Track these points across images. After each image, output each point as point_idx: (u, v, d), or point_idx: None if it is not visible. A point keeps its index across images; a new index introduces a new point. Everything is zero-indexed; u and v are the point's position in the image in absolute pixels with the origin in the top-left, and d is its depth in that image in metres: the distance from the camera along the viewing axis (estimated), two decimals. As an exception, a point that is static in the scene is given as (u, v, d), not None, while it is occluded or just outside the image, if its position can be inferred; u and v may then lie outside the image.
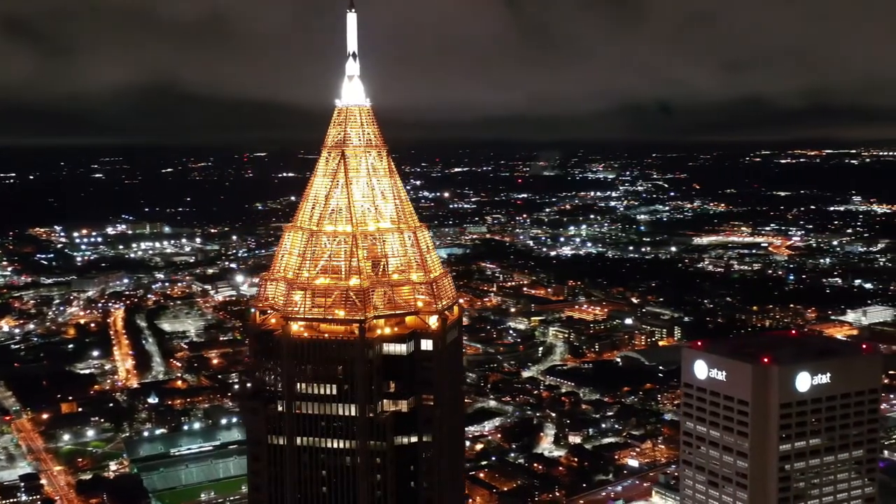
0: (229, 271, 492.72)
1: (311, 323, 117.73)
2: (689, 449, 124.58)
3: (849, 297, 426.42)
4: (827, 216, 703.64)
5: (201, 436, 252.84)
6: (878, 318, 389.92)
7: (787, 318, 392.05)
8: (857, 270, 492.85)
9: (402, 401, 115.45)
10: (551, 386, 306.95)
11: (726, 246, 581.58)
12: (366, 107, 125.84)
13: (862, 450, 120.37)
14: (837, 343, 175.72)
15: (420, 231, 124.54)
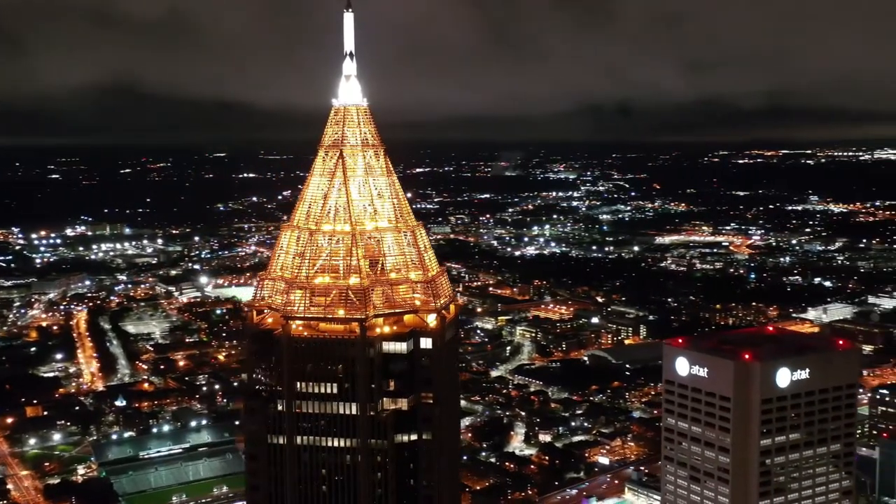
0: (193, 272, 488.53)
1: (308, 322, 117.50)
2: (671, 445, 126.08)
3: (809, 295, 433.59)
4: (785, 215, 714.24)
5: (170, 438, 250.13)
6: (838, 315, 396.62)
7: (749, 317, 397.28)
8: (816, 269, 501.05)
9: (402, 399, 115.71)
10: (520, 385, 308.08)
11: (688, 245, 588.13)
12: (363, 106, 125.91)
13: (839, 444, 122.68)
14: (814, 339, 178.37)
15: (418, 230, 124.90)
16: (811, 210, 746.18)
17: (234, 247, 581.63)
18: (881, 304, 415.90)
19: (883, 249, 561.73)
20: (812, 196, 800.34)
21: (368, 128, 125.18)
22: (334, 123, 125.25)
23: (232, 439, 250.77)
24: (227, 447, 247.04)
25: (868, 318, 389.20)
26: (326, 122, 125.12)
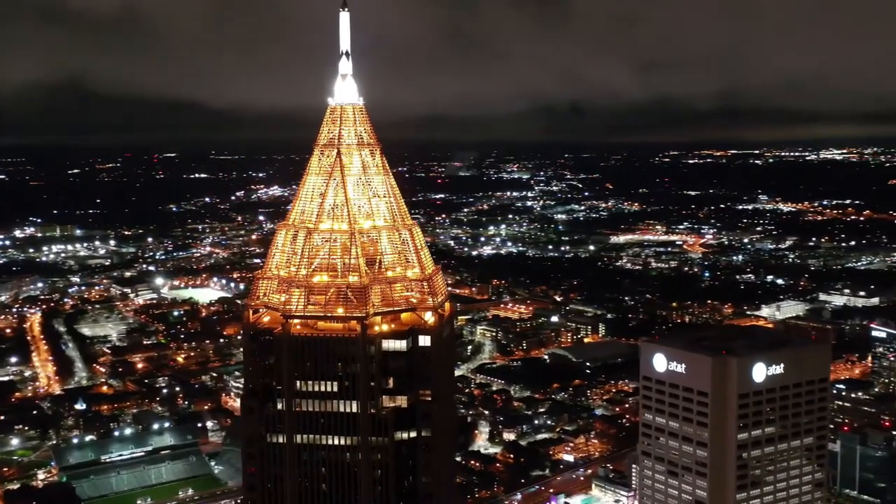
0: (148, 274, 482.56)
1: (306, 320, 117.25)
2: (648, 440, 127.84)
3: (762, 293, 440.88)
4: (736, 215, 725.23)
5: (132, 441, 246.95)
6: (791, 312, 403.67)
7: (705, 314, 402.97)
8: (768, 267, 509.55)
9: (401, 396, 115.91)
10: (482, 384, 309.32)
11: (642, 244, 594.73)
12: (359, 105, 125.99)
13: (812, 437, 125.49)
14: (787, 335, 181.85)
15: (414, 228, 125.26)
16: (761, 209, 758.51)
17: (188, 248, 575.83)
18: (832, 302, 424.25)
19: (832, 248, 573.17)
20: (761, 196, 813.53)
21: (364, 126, 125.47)
22: (330, 122, 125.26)
23: (195, 441, 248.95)
24: (191, 449, 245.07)
25: (820, 315, 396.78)
26: (322, 121, 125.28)
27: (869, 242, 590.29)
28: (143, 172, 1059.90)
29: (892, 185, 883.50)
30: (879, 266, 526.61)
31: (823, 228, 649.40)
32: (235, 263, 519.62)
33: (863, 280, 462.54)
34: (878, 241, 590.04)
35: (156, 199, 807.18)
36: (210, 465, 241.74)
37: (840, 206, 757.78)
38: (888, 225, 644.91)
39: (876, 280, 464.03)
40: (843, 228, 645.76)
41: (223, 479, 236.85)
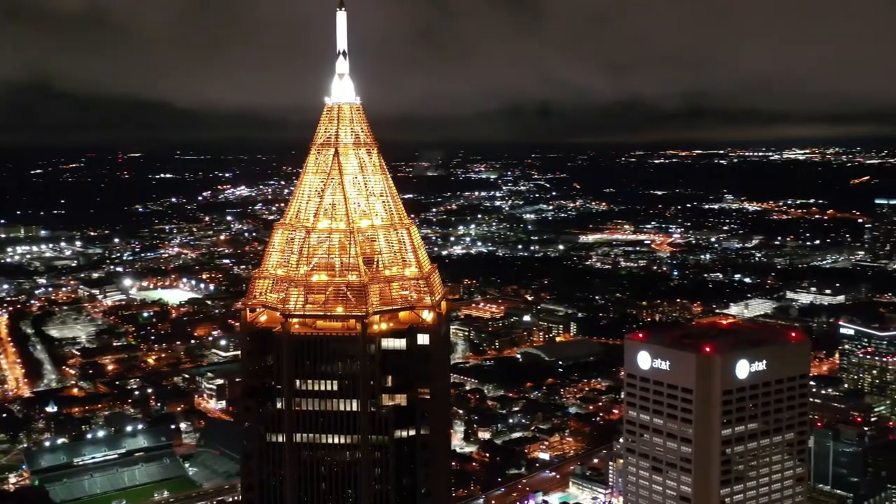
0: (116, 275, 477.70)
1: (304, 319, 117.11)
2: (633, 437, 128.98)
3: (730, 291, 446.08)
4: (702, 214, 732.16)
5: (105, 444, 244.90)
6: (759, 310, 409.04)
7: (674, 313, 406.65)
8: (735, 266, 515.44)
9: (400, 395, 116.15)
10: (456, 383, 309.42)
11: (611, 243, 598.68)
12: (356, 104, 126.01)
13: (793, 432, 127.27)
14: (766, 331, 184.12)
15: (411, 227, 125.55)
16: (727, 209, 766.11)
17: (156, 248, 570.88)
18: (798, 300, 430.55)
19: (797, 246, 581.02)
20: (727, 195, 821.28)
21: (361, 126, 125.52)
22: (327, 121, 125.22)
23: (169, 443, 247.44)
24: (165, 451, 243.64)
25: (787, 313, 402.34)
26: (319, 120, 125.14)
27: (833, 241, 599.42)
28: (108, 172, 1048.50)
29: (854, 184, 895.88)
30: (844, 265, 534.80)
31: (788, 227, 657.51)
32: (204, 264, 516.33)
33: (828, 278, 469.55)
34: (843, 240, 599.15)
35: (121, 199, 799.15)
36: (184, 466, 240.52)
37: (804, 205, 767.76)
38: (851, 224, 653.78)
39: (841, 278, 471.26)
40: (807, 227, 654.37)
41: (198, 480, 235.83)
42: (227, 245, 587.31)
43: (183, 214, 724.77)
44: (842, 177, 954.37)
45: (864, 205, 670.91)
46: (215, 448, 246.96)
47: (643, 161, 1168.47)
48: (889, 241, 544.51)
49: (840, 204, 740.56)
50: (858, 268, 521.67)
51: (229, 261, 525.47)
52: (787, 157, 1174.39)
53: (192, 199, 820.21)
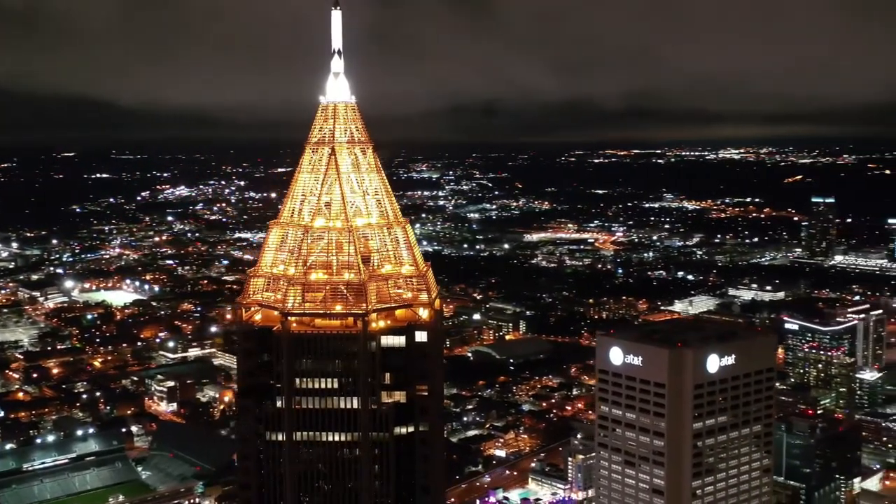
0: (57, 277, 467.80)
1: (301, 318, 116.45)
2: (605, 432, 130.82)
3: (674, 289, 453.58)
4: (643, 213, 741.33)
5: (55, 449, 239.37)
6: (702, 307, 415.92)
7: (621, 310, 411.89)
8: (677, 263, 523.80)
9: (400, 392, 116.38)
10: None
11: (555, 242, 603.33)
12: (351, 103, 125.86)
13: (760, 425, 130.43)
14: (732, 327, 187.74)
15: (406, 226, 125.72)
16: (667, 207, 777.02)
17: (96, 250, 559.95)
18: (740, 296, 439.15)
19: (736, 244, 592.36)
20: (666, 194, 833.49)
21: (356, 125, 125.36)
22: (322, 120, 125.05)
23: (121, 447, 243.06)
24: (117, 455, 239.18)
25: (730, 309, 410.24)
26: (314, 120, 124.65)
27: (771, 239, 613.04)
28: (41, 172, 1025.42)
29: (787, 183, 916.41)
30: (782, 262, 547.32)
31: (727, 226, 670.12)
32: (147, 265, 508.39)
33: (768, 275, 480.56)
34: (780, 238, 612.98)
35: (57, 199, 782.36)
36: (137, 470, 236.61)
37: (741, 204, 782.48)
38: (787, 222, 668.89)
39: (780, 275, 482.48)
40: (745, 226, 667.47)
41: (152, 484, 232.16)
42: (170, 246, 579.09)
43: (122, 215, 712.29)
44: (776, 176, 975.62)
45: (798, 203, 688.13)
46: (169, 451, 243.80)
47: (583, 160, 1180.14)
48: (825, 239, 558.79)
49: (775, 203, 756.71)
50: (796, 265, 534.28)
51: (173, 262, 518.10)
52: (722, 157, 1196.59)
53: (131, 199, 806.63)
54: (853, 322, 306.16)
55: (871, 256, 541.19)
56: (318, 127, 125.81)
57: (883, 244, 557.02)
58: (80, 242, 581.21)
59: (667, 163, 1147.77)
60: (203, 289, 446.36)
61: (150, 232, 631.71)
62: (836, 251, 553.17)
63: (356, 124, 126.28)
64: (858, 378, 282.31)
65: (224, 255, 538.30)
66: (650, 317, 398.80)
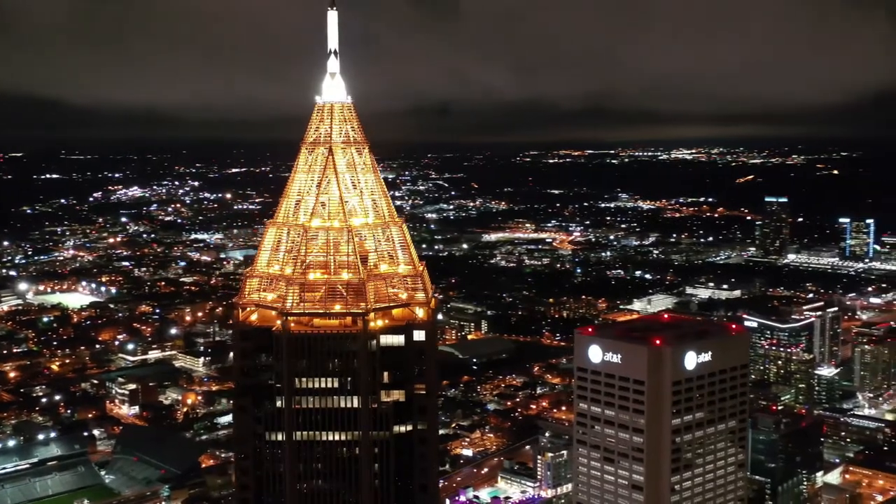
0: (9, 279, 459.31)
1: (299, 318, 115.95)
2: (584, 429, 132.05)
3: (632, 288, 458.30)
4: (600, 212, 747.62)
5: (16, 453, 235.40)
6: (661, 305, 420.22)
7: (581, 309, 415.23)
8: (634, 262, 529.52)
9: (399, 390, 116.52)
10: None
11: (514, 242, 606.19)
12: (347, 103, 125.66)
13: (735, 420, 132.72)
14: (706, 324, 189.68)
15: (403, 225, 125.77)
16: (622, 207, 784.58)
17: (49, 251, 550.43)
18: (697, 294, 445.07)
19: (692, 243, 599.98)
20: (621, 194, 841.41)
21: (352, 124, 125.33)
22: (318, 120, 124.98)
23: (83, 451, 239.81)
24: (79, 459, 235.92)
25: (688, 308, 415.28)
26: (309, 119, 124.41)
27: (725, 238, 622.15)
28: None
29: (739, 183, 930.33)
30: (737, 260, 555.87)
31: (682, 225, 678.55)
32: (103, 267, 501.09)
33: (723, 274, 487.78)
34: (734, 237, 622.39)
35: (6, 201, 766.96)
36: (100, 474, 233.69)
37: (695, 203, 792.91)
38: (740, 221, 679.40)
39: (735, 273, 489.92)
40: (700, 225, 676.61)
41: (116, 488, 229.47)
42: (125, 247, 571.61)
43: (74, 216, 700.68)
44: (728, 176, 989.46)
45: (750, 203, 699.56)
46: (133, 454, 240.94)
47: (538, 160, 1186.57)
48: (778, 238, 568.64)
49: (728, 202, 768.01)
50: (751, 263, 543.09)
51: (129, 263, 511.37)
52: (675, 157, 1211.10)
53: (83, 200, 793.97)
54: (810, 320, 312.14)
55: (823, 255, 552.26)
56: (314, 127, 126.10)
57: (834, 243, 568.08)
58: (32, 244, 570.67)
59: (621, 163, 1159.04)
60: (161, 290, 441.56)
61: (105, 233, 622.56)
62: (789, 250, 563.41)
63: (352, 124, 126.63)
64: (817, 374, 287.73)
65: (181, 257, 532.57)
66: (610, 316, 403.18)
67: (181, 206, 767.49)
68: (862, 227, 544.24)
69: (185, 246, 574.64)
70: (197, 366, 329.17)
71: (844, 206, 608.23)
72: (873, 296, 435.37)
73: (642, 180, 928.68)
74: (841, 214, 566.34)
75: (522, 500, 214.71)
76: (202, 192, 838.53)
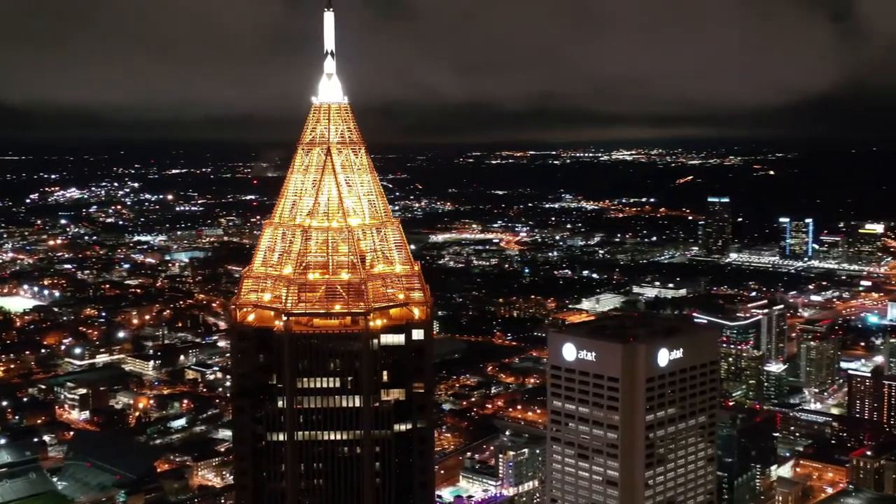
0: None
1: (298, 318, 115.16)
2: (557, 426, 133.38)
3: (580, 287, 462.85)
4: (545, 213, 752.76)
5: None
6: (609, 305, 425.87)
7: (531, 309, 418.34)
8: (581, 262, 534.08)
9: (398, 389, 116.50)
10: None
11: (461, 243, 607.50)
12: (343, 104, 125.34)
13: (705, 416, 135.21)
14: (674, 321, 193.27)
15: (398, 226, 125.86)
16: (567, 207, 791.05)
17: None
18: (644, 293, 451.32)
19: (636, 243, 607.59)
20: (565, 194, 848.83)
21: (348, 125, 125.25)
22: (314, 121, 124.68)
23: (35, 457, 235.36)
24: (30, 466, 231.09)
25: (635, 307, 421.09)
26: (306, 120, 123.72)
27: (668, 238, 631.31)
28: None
29: (679, 184, 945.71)
30: (681, 260, 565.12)
31: (626, 225, 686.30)
32: (44, 270, 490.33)
33: (668, 273, 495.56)
34: (677, 237, 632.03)
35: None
36: (53, 481, 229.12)
37: (637, 203, 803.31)
38: (682, 221, 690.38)
39: (680, 273, 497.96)
40: (643, 225, 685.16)
41: (69, 494, 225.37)
42: (66, 249, 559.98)
43: (11, 218, 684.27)
44: (667, 177, 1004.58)
45: (691, 203, 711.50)
46: (85, 460, 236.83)
47: (481, 161, 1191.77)
48: (721, 237, 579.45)
49: (670, 202, 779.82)
50: (694, 262, 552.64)
51: (71, 266, 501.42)
52: (615, 158, 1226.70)
53: (19, 201, 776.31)
54: (758, 317, 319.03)
55: (764, 254, 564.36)
56: (311, 127, 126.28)
57: (773, 242, 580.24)
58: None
59: (563, 164, 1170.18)
60: (106, 293, 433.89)
61: (44, 235, 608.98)
62: (731, 249, 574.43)
63: (348, 125, 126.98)
64: (766, 371, 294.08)
65: (125, 259, 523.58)
66: (560, 315, 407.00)
67: (122, 207, 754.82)
68: (801, 226, 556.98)
69: (128, 248, 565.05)
70: (147, 369, 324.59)
71: (783, 206, 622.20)
72: (814, 293, 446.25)
73: (584, 181, 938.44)
74: (780, 214, 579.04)
75: (485, 498, 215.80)
76: (142, 194, 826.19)
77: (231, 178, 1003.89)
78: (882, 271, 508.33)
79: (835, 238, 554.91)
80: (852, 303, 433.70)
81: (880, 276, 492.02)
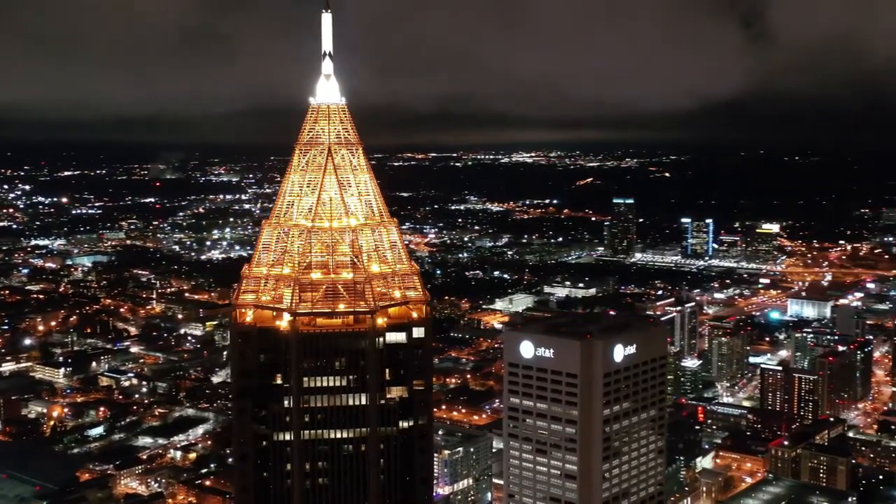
0: None
1: (300, 318, 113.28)
2: (514, 423, 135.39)
3: (492, 288, 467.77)
4: (451, 215, 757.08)
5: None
6: (522, 304, 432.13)
7: (445, 310, 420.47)
8: (491, 263, 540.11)
9: (400, 387, 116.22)
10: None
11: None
12: (341, 104, 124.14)
13: (655, 409, 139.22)
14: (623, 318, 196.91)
15: (396, 225, 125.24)
16: (472, 209, 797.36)
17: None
18: (555, 293, 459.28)
19: (543, 244, 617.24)
20: (470, 196, 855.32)
21: (346, 126, 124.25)
22: (311, 122, 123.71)
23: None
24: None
25: (547, 306, 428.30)
26: (304, 121, 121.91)
27: (574, 238, 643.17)
28: None
29: (579, 186, 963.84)
30: (587, 260, 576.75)
31: (532, 226, 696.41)
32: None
33: (576, 273, 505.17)
34: (582, 238, 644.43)
35: None
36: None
37: (541, 205, 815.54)
38: (586, 222, 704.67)
39: (587, 273, 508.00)
40: (549, 226, 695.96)
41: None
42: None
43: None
44: (567, 178, 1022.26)
45: (593, 204, 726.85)
46: (1, 472, 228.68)
47: (383, 163, 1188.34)
48: (626, 238, 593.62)
49: (572, 204, 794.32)
50: (601, 262, 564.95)
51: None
52: (515, 160, 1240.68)
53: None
54: (672, 315, 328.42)
55: (667, 254, 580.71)
56: (308, 128, 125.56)
57: (675, 242, 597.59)
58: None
59: (464, 166, 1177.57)
60: (6, 299, 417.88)
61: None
62: (636, 249, 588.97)
63: (346, 125, 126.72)
64: (683, 366, 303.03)
65: (23, 264, 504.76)
66: (474, 315, 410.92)
67: (14, 210, 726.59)
68: (702, 226, 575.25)
69: (25, 252, 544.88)
70: (57, 377, 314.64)
71: (682, 207, 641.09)
72: (717, 291, 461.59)
73: (487, 182, 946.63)
74: (681, 215, 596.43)
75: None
76: (35, 196, 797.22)
77: (127, 181, 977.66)
78: (779, 269, 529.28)
79: (733, 238, 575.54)
80: (753, 300, 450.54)
81: (777, 275, 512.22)
